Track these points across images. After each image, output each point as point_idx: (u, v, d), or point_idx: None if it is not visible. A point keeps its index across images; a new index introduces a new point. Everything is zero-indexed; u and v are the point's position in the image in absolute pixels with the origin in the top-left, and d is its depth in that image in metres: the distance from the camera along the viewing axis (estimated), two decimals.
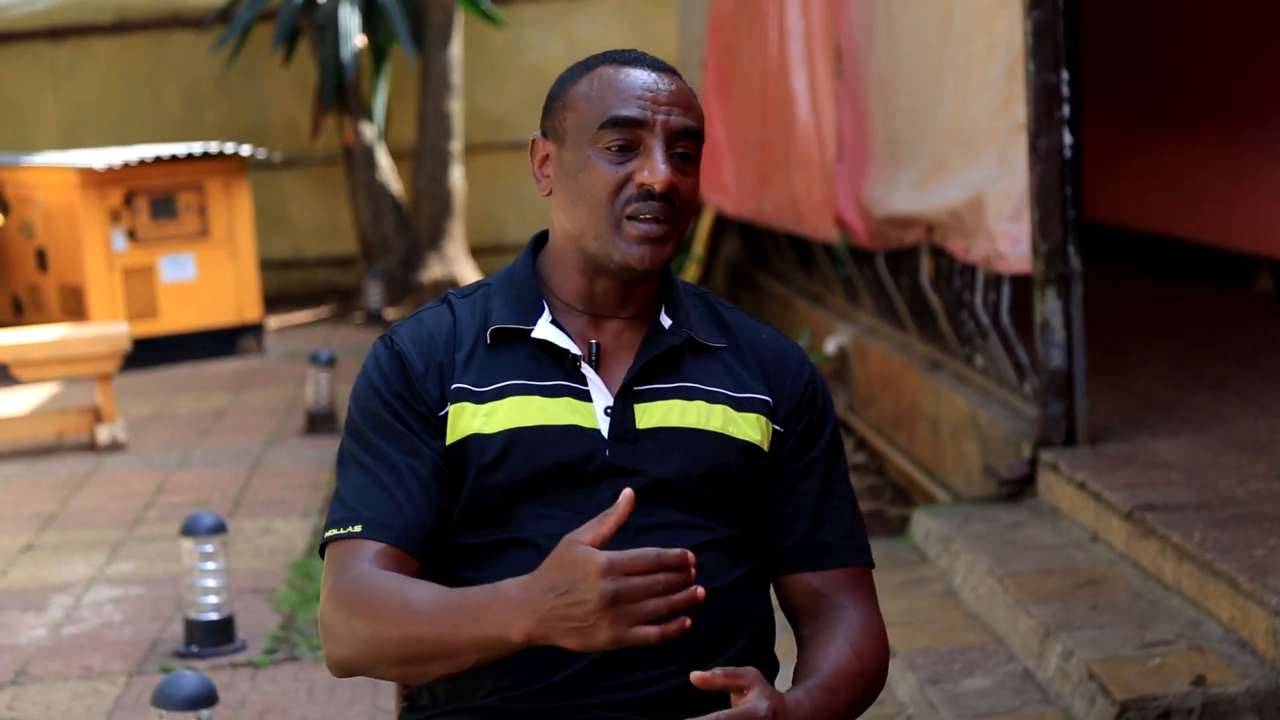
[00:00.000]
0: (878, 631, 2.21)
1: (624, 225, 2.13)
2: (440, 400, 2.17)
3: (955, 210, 5.77)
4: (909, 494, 6.44)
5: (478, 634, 1.97)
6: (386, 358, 2.20)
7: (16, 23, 12.71)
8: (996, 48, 5.36)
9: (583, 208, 2.15)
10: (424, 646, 2.02)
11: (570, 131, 2.17)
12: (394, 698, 2.34)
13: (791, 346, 2.30)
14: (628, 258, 2.14)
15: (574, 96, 2.17)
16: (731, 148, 9.38)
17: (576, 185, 2.15)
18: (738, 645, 2.17)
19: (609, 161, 2.13)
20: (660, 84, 2.15)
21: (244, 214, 10.12)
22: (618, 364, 2.20)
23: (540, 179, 2.22)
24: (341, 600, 2.08)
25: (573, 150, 2.16)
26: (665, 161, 2.12)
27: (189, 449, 7.53)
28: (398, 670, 2.07)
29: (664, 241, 2.14)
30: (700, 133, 2.17)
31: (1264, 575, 3.89)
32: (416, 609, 2.02)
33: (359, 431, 2.18)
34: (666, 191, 2.12)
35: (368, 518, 2.12)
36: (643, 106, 2.13)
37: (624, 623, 1.89)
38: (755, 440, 2.20)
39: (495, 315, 2.21)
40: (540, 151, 2.22)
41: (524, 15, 12.88)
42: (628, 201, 2.13)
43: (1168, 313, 7.91)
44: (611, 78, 2.15)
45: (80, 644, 4.88)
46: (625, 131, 2.13)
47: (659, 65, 2.18)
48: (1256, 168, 8.19)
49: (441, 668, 2.03)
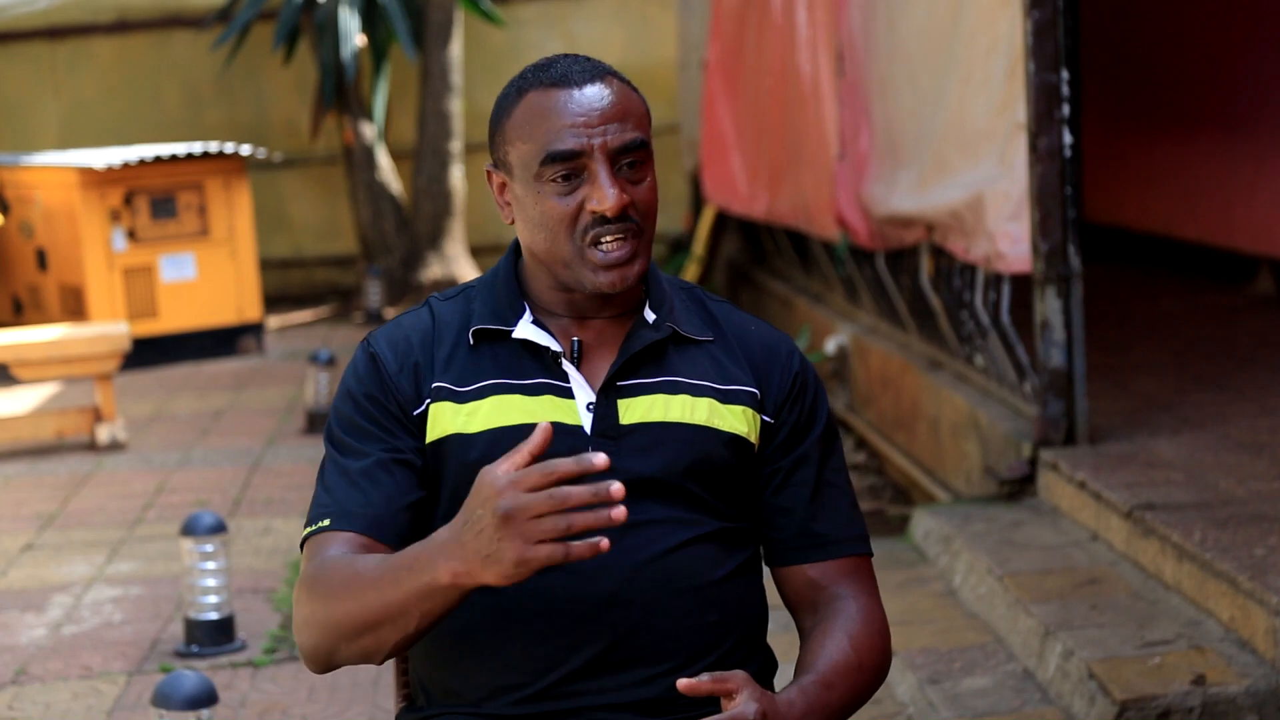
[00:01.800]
0: (878, 622, 2.21)
1: (587, 253, 2.12)
2: (415, 398, 2.17)
3: (955, 210, 5.77)
4: (909, 494, 6.44)
5: (413, 585, 1.95)
6: (362, 361, 2.21)
7: (16, 23, 12.71)
8: (997, 47, 5.36)
9: (544, 239, 2.15)
10: (372, 611, 2.00)
11: (515, 166, 2.15)
12: (393, 697, 2.34)
13: (781, 338, 2.29)
14: (598, 284, 2.14)
15: (510, 131, 2.15)
16: (739, 147, 9.37)
17: (534, 218, 2.15)
18: (731, 639, 2.17)
19: (557, 195, 2.12)
20: (592, 103, 2.11)
21: (244, 214, 10.12)
22: (601, 360, 2.20)
23: (502, 207, 2.22)
24: (303, 587, 2.09)
25: (521, 185, 2.15)
26: (613, 184, 2.10)
27: (189, 449, 7.53)
28: (356, 645, 2.04)
29: (631, 261, 2.14)
30: (643, 141, 2.14)
31: (1264, 575, 3.89)
32: (362, 575, 2.02)
33: (333, 435, 2.20)
34: (620, 212, 2.11)
35: (336, 511, 2.13)
36: (577, 134, 2.10)
37: (523, 540, 1.84)
38: (742, 432, 2.19)
39: (477, 316, 2.21)
40: (496, 181, 2.21)
41: (524, 15, 12.88)
42: (586, 230, 2.12)
43: (1168, 313, 7.91)
44: (542, 107, 2.12)
45: (80, 644, 4.88)
46: (566, 164, 2.11)
47: (588, 76, 2.14)
48: (1256, 168, 8.19)
49: (393, 633, 2.00)
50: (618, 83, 2.15)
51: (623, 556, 2.10)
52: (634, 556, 2.12)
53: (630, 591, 2.11)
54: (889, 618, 2.27)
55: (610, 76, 2.15)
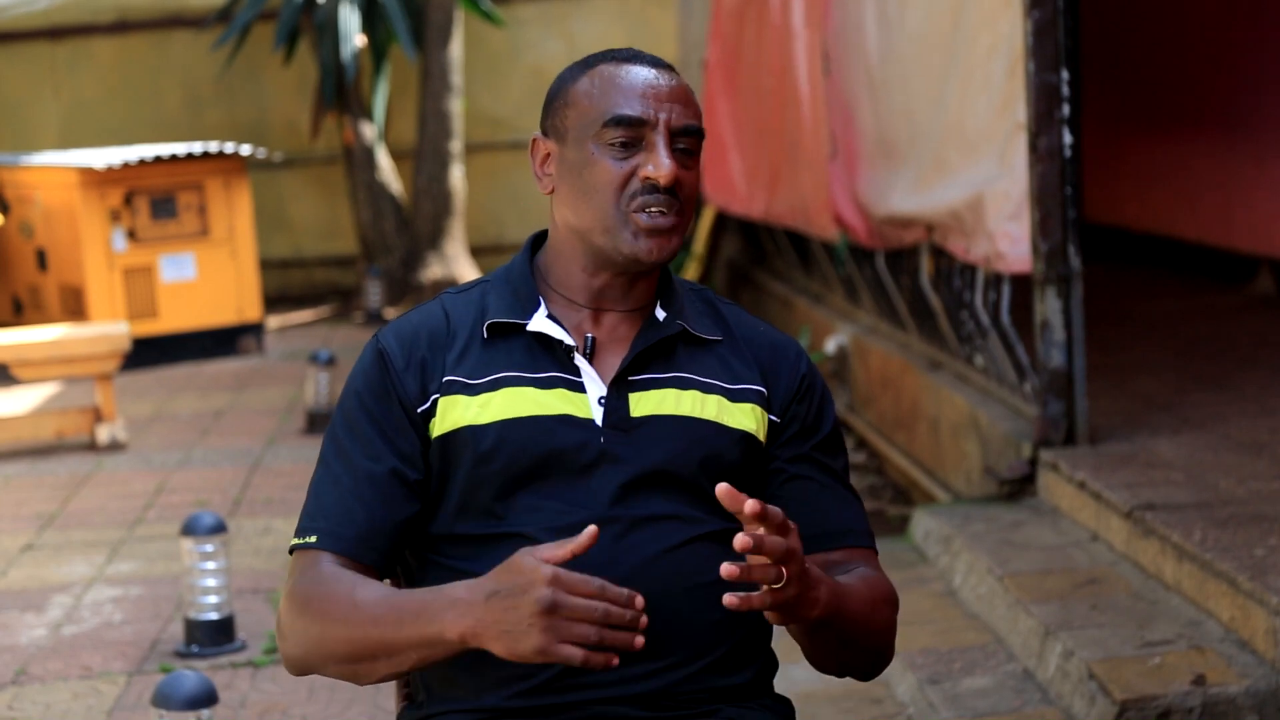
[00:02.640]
0: (887, 588, 2.23)
1: (631, 219, 2.15)
2: (420, 396, 2.19)
3: (955, 210, 5.77)
4: (909, 494, 6.44)
5: (417, 632, 2.01)
6: (370, 356, 2.23)
7: (16, 23, 12.71)
8: (998, 48, 5.36)
9: (589, 203, 2.17)
10: (368, 645, 2.05)
11: (573, 129, 2.18)
12: (394, 697, 2.34)
13: (788, 340, 2.31)
14: (636, 250, 2.16)
15: (575, 94, 2.19)
16: (738, 147, 9.37)
17: (581, 182, 2.17)
18: (733, 638, 2.18)
19: (613, 158, 2.15)
20: (661, 81, 2.17)
21: (244, 214, 10.12)
22: (612, 356, 2.21)
23: (541, 177, 2.24)
24: (294, 601, 2.13)
25: (575, 147, 2.18)
26: (669, 156, 2.15)
27: (189, 449, 7.53)
28: (347, 668, 2.10)
29: (670, 233, 2.16)
30: (701, 130, 2.19)
31: (1264, 575, 3.89)
32: (362, 607, 2.06)
33: (333, 431, 2.23)
34: (671, 185, 2.14)
35: (323, 528, 2.17)
36: (645, 104, 2.15)
37: (553, 635, 1.91)
38: (750, 430, 2.21)
39: (492, 310, 2.23)
40: (541, 150, 2.24)
41: (524, 15, 12.88)
42: (633, 196, 2.15)
43: (1168, 313, 7.91)
44: (612, 75, 2.17)
45: (80, 644, 4.88)
46: (628, 129, 2.15)
47: (658, 63, 2.20)
48: (1256, 168, 8.19)
49: (386, 667, 2.06)
50: (682, 79, 2.22)
51: (627, 552, 2.12)
52: (638, 552, 2.13)
53: (633, 587, 2.11)
54: None
55: (677, 73, 2.22)
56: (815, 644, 2.14)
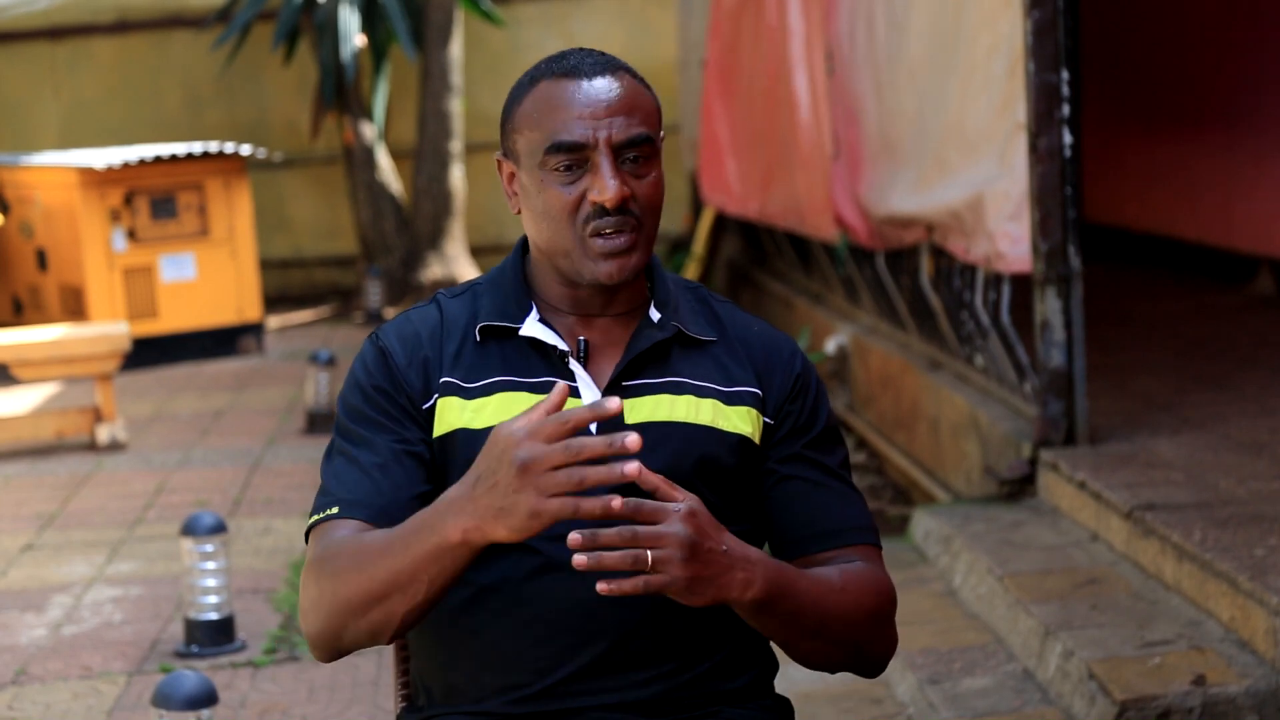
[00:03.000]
0: (879, 581, 2.18)
1: (588, 243, 2.13)
2: (425, 392, 2.18)
3: (955, 210, 5.77)
4: (909, 494, 6.44)
5: (421, 548, 1.97)
6: (371, 354, 2.22)
7: (16, 23, 12.71)
8: (999, 47, 5.36)
9: (547, 227, 2.16)
10: (380, 581, 2.01)
11: (523, 154, 2.17)
12: (393, 698, 2.34)
13: (783, 339, 2.29)
14: (596, 274, 2.14)
15: (520, 119, 2.17)
16: (734, 147, 9.38)
17: (536, 207, 2.16)
18: (731, 643, 2.17)
19: (560, 184, 2.13)
20: (599, 95, 2.13)
21: (244, 214, 10.12)
22: (606, 360, 2.20)
23: (510, 196, 2.23)
24: (310, 571, 2.10)
25: (527, 173, 2.17)
26: (614, 175, 2.11)
27: (189, 449, 7.53)
28: (365, 621, 2.04)
29: (629, 252, 2.14)
30: (649, 137, 2.14)
31: (1264, 575, 3.89)
32: (369, 547, 2.03)
33: (341, 424, 2.21)
34: (621, 204, 2.12)
35: (345, 499, 2.13)
36: (583, 125, 2.11)
37: (535, 492, 1.86)
38: (746, 433, 2.20)
39: (484, 313, 2.22)
40: (505, 170, 2.23)
41: (524, 15, 12.88)
42: (587, 220, 2.13)
43: (1168, 313, 7.91)
44: (550, 96, 2.14)
45: (80, 644, 4.88)
46: (569, 153, 2.12)
47: (599, 68, 2.15)
48: (1256, 168, 8.19)
49: (401, 602, 2.01)
50: (629, 78, 2.16)
51: None
52: None
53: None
54: None
55: (622, 71, 2.16)
56: (766, 631, 2.10)
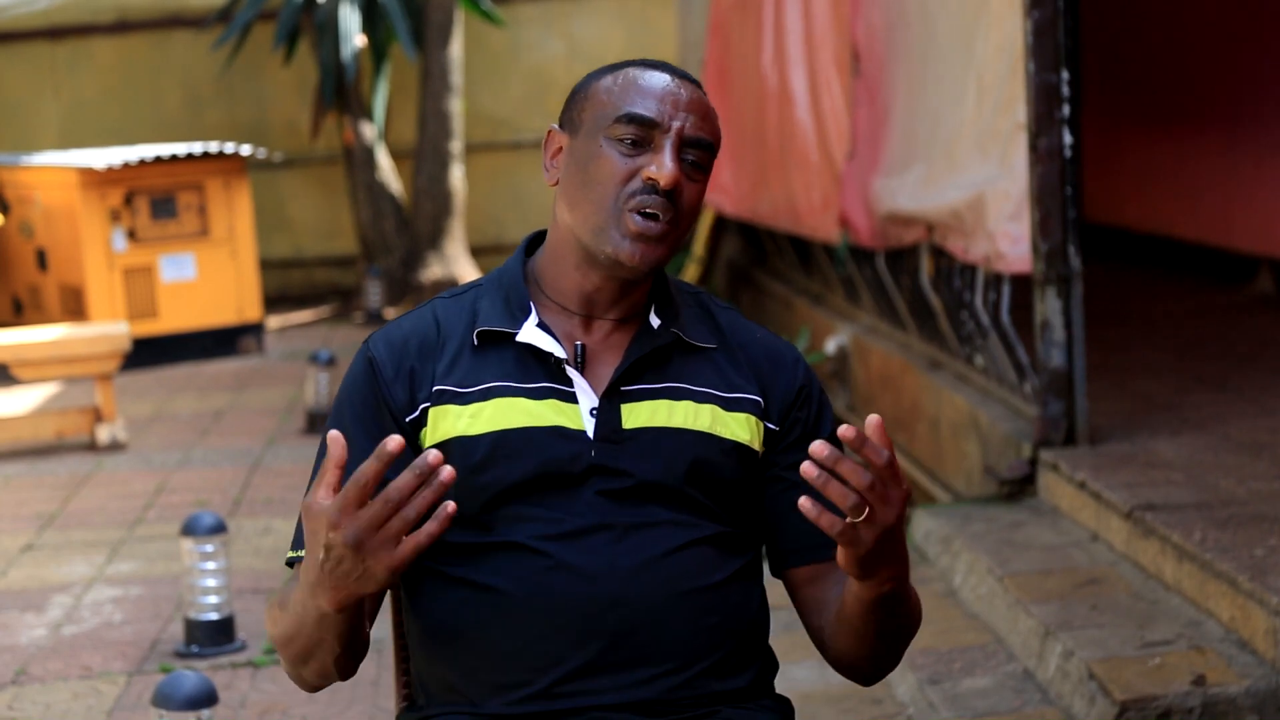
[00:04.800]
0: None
1: (624, 218, 2.14)
2: (409, 405, 2.18)
3: (955, 210, 5.76)
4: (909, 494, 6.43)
5: (309, 617, 2.03)
6: (359, 365, 2.23)
7: (16, 23, 12.71)
8: (1005, 47, 5.35)
9: (586, 196, 2.16)
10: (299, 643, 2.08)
11: (587, 122, 2.18)
12: (393, 698, 2.34)
13: (786, 347, 2.30)
14: (619, 253, 2.14)
15: (596, 90, 2.20)
16: (730, 148, 9.36)
17: (584, 174, 2.16)
18: (731, 642, 2.17)
19: (620, 153, 2.15)
20: (682, 90, 2.18)
21: (244, 214, 10.12)
22: (605, 365, 2.20)
23: (549, 169, 2.24)
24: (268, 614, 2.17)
25: (586, 140, 2.18)
26: (674, 161, 2.14)
27: (189, 449, 7.53)
28: (307, 670, 2.12)
29: (659, 241, 2.15)
30: (713, 146, 2.18)
31: (1264, 575, 3.89)
32: (288, 608, 2.08)
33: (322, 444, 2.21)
34: (671, 189, 2.13)
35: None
36: (661, 107, 2.15)
37: (384, 552, 1.91)
38: (745, 440, 2.20)
39: (482, 317, 2.21)
40: (554, 143, 2.24)
41: (524, 15, 12.88)
42: (632, 194, 2.14)
43: (1168, 313, 7.91)
44: (636, 77, 2.18)
45: (80, 644, 4.88)
46: (640, 127, 2.14)
47: (685, 76, 2.21)
48: (1256, 168, 8.19)
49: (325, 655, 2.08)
50: (705, 96, 2.22)
51: (624, 558, 2.11)
52: (635, 558, 2.12)
53: (630, 592, 2.11)
54: None
55: (702, 90, 2.23)
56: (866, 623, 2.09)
